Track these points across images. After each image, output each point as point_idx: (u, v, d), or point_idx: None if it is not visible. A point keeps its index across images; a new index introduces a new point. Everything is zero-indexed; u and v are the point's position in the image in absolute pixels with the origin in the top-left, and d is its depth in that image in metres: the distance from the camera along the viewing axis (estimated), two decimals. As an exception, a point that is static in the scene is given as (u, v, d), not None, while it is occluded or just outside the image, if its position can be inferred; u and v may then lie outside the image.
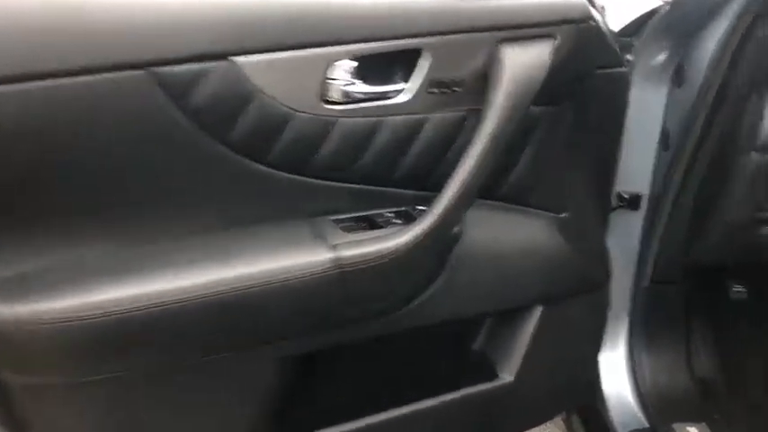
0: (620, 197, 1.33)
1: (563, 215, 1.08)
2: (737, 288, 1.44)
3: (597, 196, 1.14)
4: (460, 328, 1.12)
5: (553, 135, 1.01)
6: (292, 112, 0.81)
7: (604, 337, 1.33)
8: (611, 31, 1.04)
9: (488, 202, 1.01)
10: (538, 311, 1.09)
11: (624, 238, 1.36)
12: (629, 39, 1.24)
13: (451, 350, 1.13)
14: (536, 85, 0.90)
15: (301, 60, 0.81)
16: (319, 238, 0.84)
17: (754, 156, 1.10)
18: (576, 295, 1.16)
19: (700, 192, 1.21)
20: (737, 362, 1.52)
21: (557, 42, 0.91)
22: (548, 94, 0.94)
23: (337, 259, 0.82)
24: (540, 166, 1.01)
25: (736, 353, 1.52)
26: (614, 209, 1.31)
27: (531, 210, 1.05)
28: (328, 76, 0.83)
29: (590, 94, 1.03)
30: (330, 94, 0.84)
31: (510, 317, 1.09)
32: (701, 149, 1.17)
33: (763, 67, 1.07)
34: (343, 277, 0.83)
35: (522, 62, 0.90)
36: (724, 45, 1.08)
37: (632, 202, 1.33)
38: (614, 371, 1.40)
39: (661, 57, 1.23)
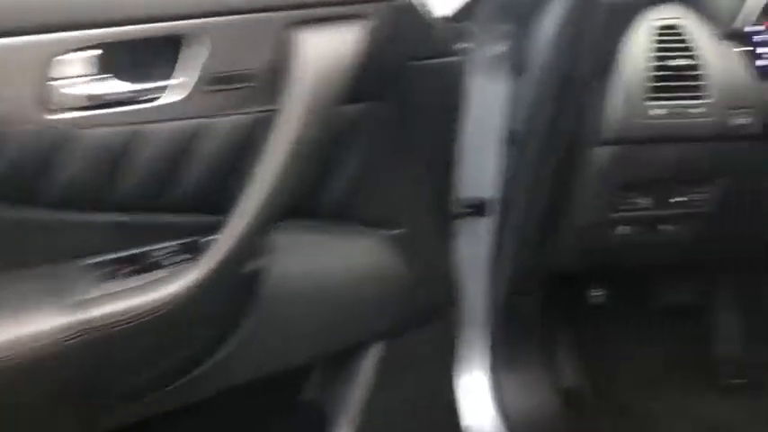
0: (465, 204, 1.19)
1: (397, 231, 0.92)
2: (596, 292, 1.35)
3: (436, 206, 0.99)
4: (286, 378, 0.92)
5: (377, 138, 0.84)
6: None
7: (461, 361, 1.19)
8: (441, 16, 0.90)
9: (302, 222, 0.82)
10: (376, 349, 0.92)
11: (475, 249, 1.23)
12: (463, 24, 1.10)
13: (275, 405, 0.93)
14: (345, 78, 0.73)
15: (9, 53, 0.59)
16: (55, 293, 0.61)
17: (601, 150, 0.99)
18: (421, 323, 0.99)
19: (550, 193, 1.09)
20: (602, 367, 1.44)
21: (369, 24, 0.74)
22: (365, 89, 0.77)
23: (82, 323, 0.60)
24: (364, 175, 0.84)
25: (600, 358, 1.44)
26: (460, 217, 1.17)
27: (358, 228, 0.88)
28: (53, 75, 0.61)
29: (417, 88, 0.87)
30: (57, 98, 0.62)
31: (343, 359, 0.91)
32: (548, 146, 1.05)
33: (603, 49, 0.96)
34: (92, 345, 0.60)
35: (324, 49, 0.72)
36: (561, 27, 0.96)
37: (479, 209, 1.19)
38: (475, 396, 1.26)
39: (499, 43, 1.10)
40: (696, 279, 1.46)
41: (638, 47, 0.98)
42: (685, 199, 1.06)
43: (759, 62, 1.01)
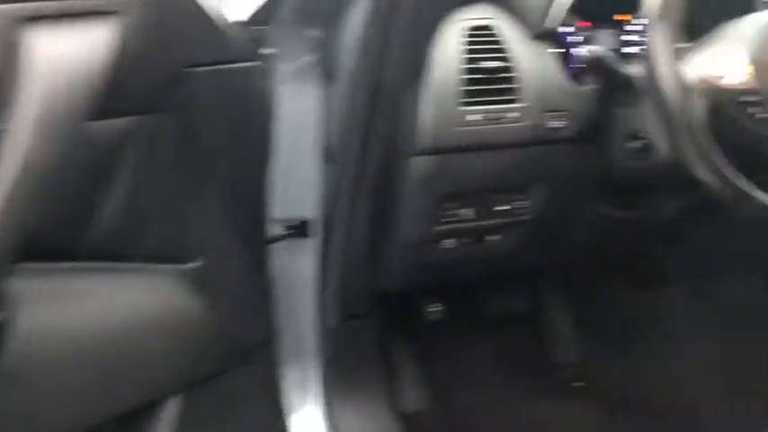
0: (285, 225, 1.08)
1: (191, 265, 0.79)
2: (433, 308, 1.29)
3: (242, 231, 0.87)
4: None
5: (152, 156, 0.71)
6: None
7: (292, 396, 1.08)
8: (235, 19, 0.78)
9: (61, 265, 0.67)
10: (174, 404, 0.78)
11: (299, 274, 1.12)
12: (263, 29, 0.99)
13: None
14: (94, 87, 0.59)
15: None
16: None
17: (418, 161, 0.92)
18: (235, 364, 0.87)
19: (372, 209, 1.01)
20: (446, 385, 1.38)
21: (122, 22, 0.61)
22: (130, 100, 0.64)
23: None
24: (136, 201, 0.71)
25: (443, 376, 1.38)
26: (278, 240, 1.06)
27: (140, 265, 0.74)
28: None
29: (204, 97, 0.75)
30: None
31: (131, 422, 0.77)
32: (364, 159, 0.97)
33: (411, 53, 0.89)
34: None
35: (63, 52, 0.58)
36: (366, 31, 0.88)
37: (300, 230, 1.09)
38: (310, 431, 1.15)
39: (306, 48, 1.01)
40: (527, 286, 1.45)
41: (448, 49, 0.92)
42: (508, 207, 1.01)
43: (571, 64, 0.98)
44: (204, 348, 0.83)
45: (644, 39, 1.04)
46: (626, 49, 1.07)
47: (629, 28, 1.08)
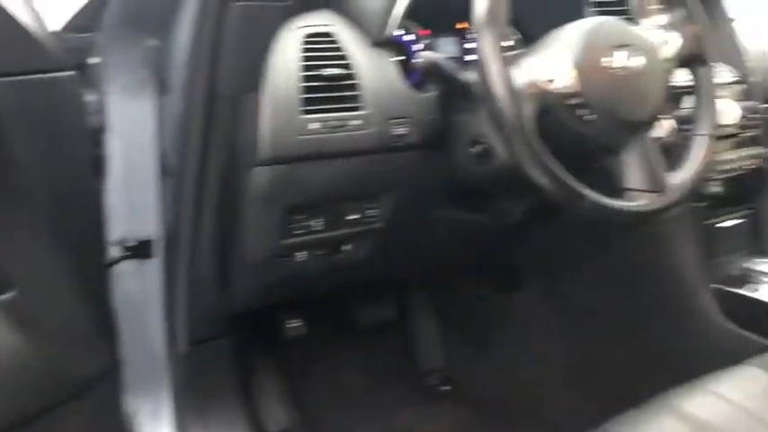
0: (125, 246, 1.01)
1: (8, 295, 0.71)
2: (292, 323, 1.26)
3: (72, 255, 0.80)
4: None
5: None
6: None
7: (145, 428, 1.01)
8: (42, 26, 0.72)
9: None
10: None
11: (144, 298, 1.05)
12: (87, 35, 0.92)
13: None
14: None
15: None
16: None
17: (260, 172, 0.89)
18: (67, 401, 0.80)
19: (216, 226, 0.96)
20: (313, 400, 1.35)
21: None
22: None
23: None
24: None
25: (309, 392, 1.35)
26: (117, 262, 0.99)
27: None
28: None
29: (11, 110, 0.68)
30: None
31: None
32: (205, 172, 0.92)
33: (246, 61, 0.86)
34: None
35: None
36: (198, 38, 0.83)
37: (143, 250, 1.02)
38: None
39: (134, 57, 0.95)
40: (392, 294, 1.45)
41: (287, 57, 0.89)
42: (358, 216, 1.00)
43: (412, 71, 0.99)
44: (28, 384, 0.75)
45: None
46: (468, 57, 1.10)
47: (469, 36, 1.10)
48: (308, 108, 0.89)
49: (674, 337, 1.20)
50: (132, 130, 0.97)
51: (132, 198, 0.99)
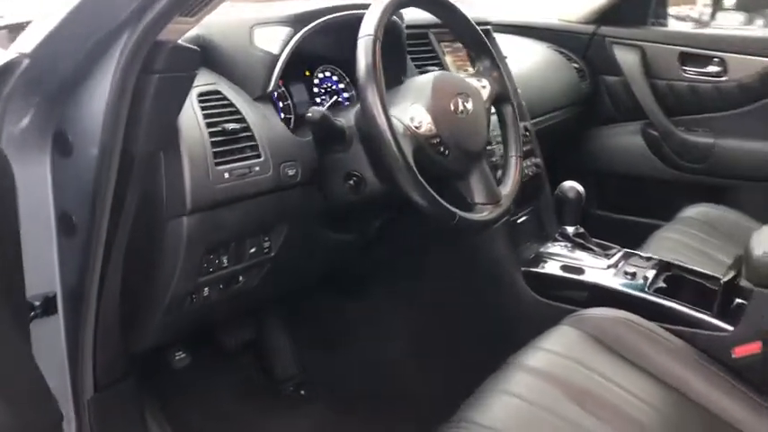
0: (30, 305, 1.02)
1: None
2: (179, 355, 1.33)
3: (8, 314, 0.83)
4: None
5: None
6: None
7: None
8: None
9: None
10: None
11: (49, 352, 1.07)
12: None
13: None
14: None
15: None
16: None
17: (178, 222, 0.98)
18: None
19: (126, 277, 1.02)
20: (193, 426, 1.43)
21: None
22: None
23: None
24: None
25: (190, 419, 1.42)
26: (31, 320, 1.00)
27: None
28: None
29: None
30: None
31: None
32: (118, 228, 0.98)
33: (160, 122, 0.95)
34: None
35: None
36: (115, 106, 0.90)
37: (47, 307, 1.04)
38: None
39: (31, 120, 0.97)
40: (249, 315, 1.57)
41: (190, 115, 1.00)
42: (256, 249, 1.14)
43: (288, 119, 1.15)
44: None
45: (329, 90, 1.28)
46: (317, 99, 1.29)
47: (316, 81, 1.30)
48: (219, 160, 1.01)
49: (501, 313, 1.51)
50: (29, 187, 0.98)
51: (33, 254, 1.01)
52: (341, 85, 1.35)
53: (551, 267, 1.50)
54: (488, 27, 1.68)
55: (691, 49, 2.14)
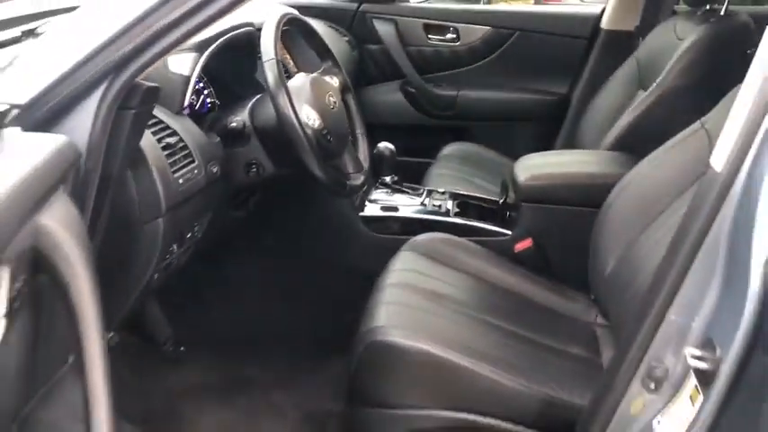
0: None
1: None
2: (110, 335, 1.52)
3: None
4: None
5: None
6: None
7: None
8: None
9: None
10: None
11: None
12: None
13: None
14: None
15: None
16: None
17: (154, 225, 1.22)
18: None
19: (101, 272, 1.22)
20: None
21: None
22: None
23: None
24: None
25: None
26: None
27: None
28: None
29: None
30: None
31: None
32: (94, 235, 1.18)
33: (130, 146, 1.15)
34: None
35: None
36: (98, 138, 1.08)
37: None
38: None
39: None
40: None
41: (149, 135, 1.23)
42: (191, 234, 1.41)
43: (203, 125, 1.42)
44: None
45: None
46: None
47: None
48: (173, 169, 1.26)
49: (351, 251, 1.93)
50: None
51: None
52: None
53: (380, 210, 1.95)
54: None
55: (432, 21, 2.70)
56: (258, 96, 1.51)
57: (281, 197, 1.74)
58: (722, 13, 1.89)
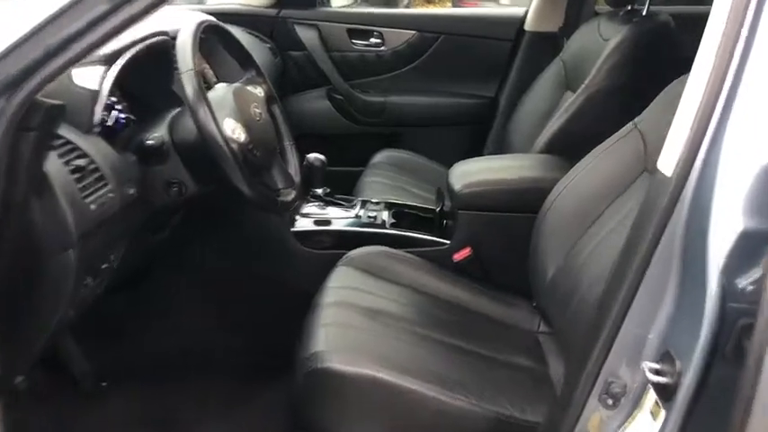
0: None
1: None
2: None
3: None
4: None
5: None
6: None
7: None
8: None
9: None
10: None
11: None
12: None
13: None
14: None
15: None
16: None
17: (66, 255, 1.09)
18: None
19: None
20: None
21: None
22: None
23: None
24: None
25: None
26: None
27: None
28: None
29: None
30: None
31: None
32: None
33: (36, 172, 1.04)
34: None
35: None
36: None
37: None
38: None
39: None
40: None
41: (54, 158, 1.11)
42: (106, 265, 1.29)
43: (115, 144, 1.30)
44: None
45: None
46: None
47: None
48: (83, 194, 1.14)
49: (284, 269, 1.83)
50: None
51: None
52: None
53: (313, 224, 1.85)
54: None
55: (356, 26, 2.64)
56: (177, 110, 1.40)
57: (206, 216, 1.63)
58: (644, 13, 1.89)
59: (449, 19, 2.72)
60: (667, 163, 0.88)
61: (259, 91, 1.52)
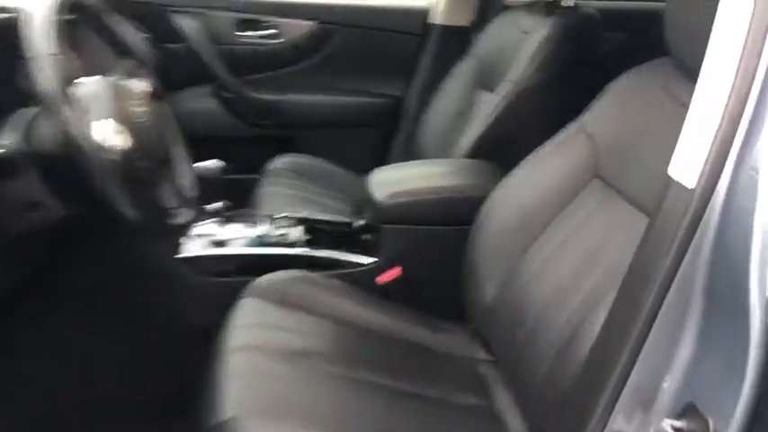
0: None
1: None
2: None
3: None
4: None
5: None
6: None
7: None
8: None
9: None
10: None
11: None
12: None
13: None
14: None
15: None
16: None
17: None
18: None
19: None
20: None
21: None
22: None
23: None
24: None
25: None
26: None
27: None
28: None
29: None
30: None
31: None
32: None
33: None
34: None
35: None
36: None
37: None
38: None
39: None
40: None
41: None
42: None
43: None
44: None
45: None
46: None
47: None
48: None
49: (180, 305, 1.52)
50: None
51: None
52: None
53: (208, 246, 1.57)
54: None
55: (247, 15, 2.34)
56: (33, 111, 1.06)
57: (77, 242, 1.30)
58: (571, 4, 1.75)
59: (347, 9, 2.47)
60: (687, 173, 0.72)
61: (141, 85, 1.21)
